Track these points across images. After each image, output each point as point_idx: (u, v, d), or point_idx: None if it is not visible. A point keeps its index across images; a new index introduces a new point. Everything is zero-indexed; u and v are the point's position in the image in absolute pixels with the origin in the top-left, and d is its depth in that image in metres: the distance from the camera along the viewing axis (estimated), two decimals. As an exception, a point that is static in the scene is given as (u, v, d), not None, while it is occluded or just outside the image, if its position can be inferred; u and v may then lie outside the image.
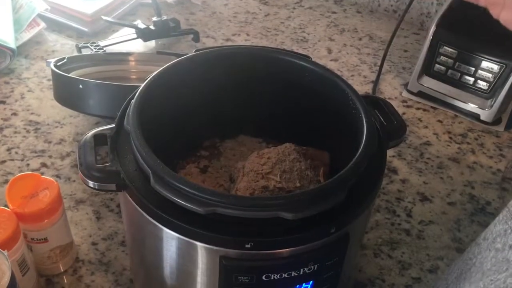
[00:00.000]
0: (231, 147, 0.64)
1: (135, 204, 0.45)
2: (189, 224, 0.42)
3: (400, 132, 0.52)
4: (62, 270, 0.62)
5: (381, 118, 0.54)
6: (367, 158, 0.46)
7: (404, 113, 0.91)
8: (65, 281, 0.62)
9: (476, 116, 0.89)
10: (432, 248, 0.68)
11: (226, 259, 0.42)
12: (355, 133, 0.50)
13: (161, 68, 0.53)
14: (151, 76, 0.52)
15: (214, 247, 0.42)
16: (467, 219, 0.73)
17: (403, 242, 0.69)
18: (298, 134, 0.58)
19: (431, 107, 0.92)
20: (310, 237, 0.42)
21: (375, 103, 0.55)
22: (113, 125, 0.49)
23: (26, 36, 0.98)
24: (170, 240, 0.45)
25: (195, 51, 0.56)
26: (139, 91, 0.50)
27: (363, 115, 0.50)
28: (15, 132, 0.81)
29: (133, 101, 0.49)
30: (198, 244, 0.43)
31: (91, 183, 0.46)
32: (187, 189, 0.41)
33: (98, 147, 0.49)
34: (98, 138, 0.49)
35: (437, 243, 0.69)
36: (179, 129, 0.56)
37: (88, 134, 0.49)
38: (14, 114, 0.84)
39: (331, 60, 1.03)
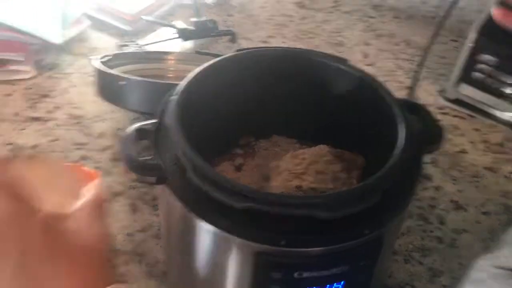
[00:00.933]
0: (265, 147, 0.65)
1: (175, 197, 0.46)
2: (226, 218, 0.43)
3: (438, 138, 0.52)
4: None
5: (418, 124, 0.53)
6: (403, 161, 0.46)
7: (440, 120, 0.90)
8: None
9: (514, 126, 0.88)
10: (465, 257, 0.68)
11: (260, 255, 0.43)
12: (391, 138, 0.50)
13: (202, 67, 0.54)
14: (192, 74, 0.53)
15: (249, 242, 0.43)
16: (501, 230, 0.72)
17: (434, 250, 0.69)
18: (333, 136, 0.59)
19: (468, 115, 0.91)
20: (343, 238, 0.43)
21: (413, 108, 0.55)
22: (155, 120, 0.51)
23: (71, 33, 1.01)
24: (206, 234, 0.46)
25: (236, 51, 0.57)
26: (181, 87, 0.51)
27: (400, 120, 0.50)
28: (58, 125, 0.84)
29: (175, 97, 0.51)
30: (233, 238, 0.44)
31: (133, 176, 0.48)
32: (224, 184, 0.42)
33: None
34: (140, 133, 0.51)
35: (470, 252, 0.68)
36: (217, 127, 0.58)
37: (131, 128, 0.51)
38: (57, 107, 0.88)
39: (366, 64, 1.03)
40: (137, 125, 0.51)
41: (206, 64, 0.54)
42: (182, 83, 0.53)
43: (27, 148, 0.79)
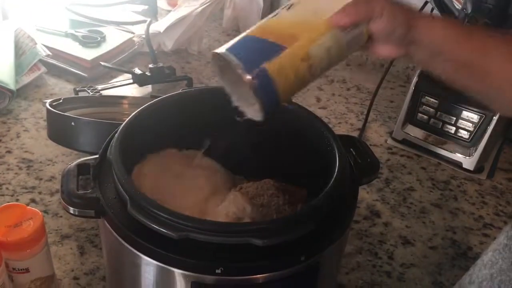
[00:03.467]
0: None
1: (112, 231, 0.47)
2: (163, 249, 0.43)
3: (373, 169, 0.55)
4: (42, 303, 0.63)
5: (355, 156, 0.56)
6: (338, 191, 0.47)
7: (388, 160, 0.93)
8: (44, 314, 0.62)
9: (458, 164, 0.91)
10: (413, 291, 0.69)
11: (197, 285, 0.43)
12: (330, 170, 0.52)
13: (145, 105, 0.56)
14: (135, 112, 0.55)
15: (187, 272, 0.43)
16: (448, 263, 0.73)
17: (384, 284, 0.69)
18: (277, 170, 0.60)
19: (415, 154, 0.95)
20: (280, 265, 0.43)
21: (351, 143, 0.58)
22: (97, 156, 0.52)
23: (27, 79, 1.02)
24: (146, 266, 0.46)
25: (181, 90, 0.59)
26: (122, 124, 0.52)
27: (336, 152, 0.52)
28: (8, 169, 0.83)
29: (116, 133, 0.52)
30: (172, 269, 0.44)
31: (71, 209, 0.48)
32: (161, 213, 0.43)
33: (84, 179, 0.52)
34: (82, 168, 0.51)
35: (418, 286, 0.69)
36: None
37: (72, 164, 0.51)
38: (9, 151, 0.87)
39: (319, 108, 1.06)
40: (79, 160, 0.52)
41: (148, 103, 0.56)
42: (125, 121, 0.54)
43: (-26, 193, 0.78)
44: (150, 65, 1.04)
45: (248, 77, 0.42)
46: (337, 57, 0.47)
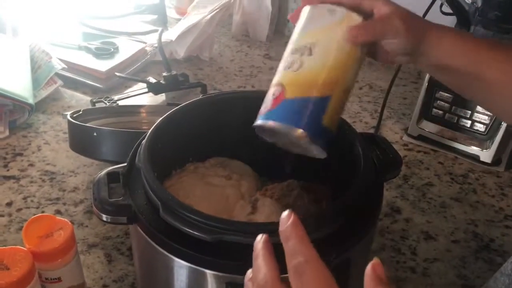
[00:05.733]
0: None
1: (145, 236, 0.48)
2: (197, 252, 0.44)
3: (396, 165, 0.55)
4: (73, 311, 0.64)
5: (378, 153, 0.56)
6: (364, 187, 0.48)
7: (405, 156, 0.93)
8: (77, 322, 0.63)
9: (476, 158, 0.92)
10: (438, 285, 0.69)
11: (231, 286, 0.44)
12: (354, 168, 0.53)
13: (168, 113, 0.57)
14: (160, 120, 0.56)
15: (221, 274, 0.44)
16: (472, 256, 0.74)
17: (408, 280, 0.70)
18: (301, 171, 0.61)
19: (432, 149, 0.95)
20: (312, 263, 0.44)
21: (372, 140, 0.59)
22: (125, 164, 0.53)
23: (44, 93, 1.04)
24: (180, 269, 0.47)
25: (201, 96, 0.60)
26: (149, 131, 0.54)
27: (360, 150, 0.53)
28: (31, 182, 0.85)
29: (143, 141, 0.53)
30: (206, 271, 0.45)
31: (104, 217, 0.49)
32: (194, 217, 0.44)
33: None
34: (112, 176, 0.52)
35: (443, 280, 0.70)
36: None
37: (102, 172, 0.52)
38: (31, 165, 0.88)
39: (333, 108, 1.07)
40: (108, 168, 0.53)
41: (172, 110, 0.57)
42: (151, 129, 0.55)
43: (1, 206, 0.79)
44: (164, 73, 1.06)
45: (314, 143, 0.44)
46: (357, 72, 0.48)
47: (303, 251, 0.33)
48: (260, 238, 0.37)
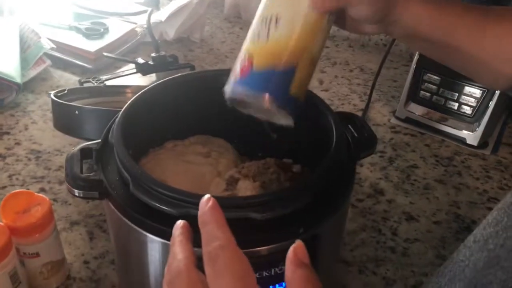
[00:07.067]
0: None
1: (116, 211, 0.48)
2: (166, 226, 0.44)
3: (371, 144, 0.55)
4: (54, 287, 0.65)
5: (353, 131, 0.56)
6: (334, 164, 0.48)
7: (392, 139, 0.93)
8: (56, 297, 0.64)
9: (462, 140, 0.91)
10: (417, 265, 0.69)
11: (200, 260, 0.44)
12: (329, 146, 0.53)
13: (144, 89, 0.57)
14: (135, 96, 0.56)
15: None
16: (452, 237, 0.74)
17: (388, 259, 0.70)
18: (277, 150, 0.61)
19: (419, 132, 0.95)
20: (279, 237, 0.44)
21: (349, 119, 0.58)
22: (99, 140, 0.53)
23: (33, 73, 1.04)
24: (151, 244, 0.47)
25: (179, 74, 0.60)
26: (123, 109, 0.54)
27: (333, 127, 0.53)
28: (17, 160, 0.85)
29: (117, 117, 0.53)
30: (173, 245, 0.45)
31: (76, 192, 0.49)
32: (161, 191, 0.44)
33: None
34: (85, 152, 0.53)
35: (422, 260, 0.70)
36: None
37: (75, 148, 0.52)
38: (17, 143, 0.89)
39: (322, 90, 1.07)
40: (82, 145, 0.53)
41: (147, 88, 0.57)
42: (125, 106, 0.55)
43: (-14, 184, 0.80)
44: (153, 54, 1.05)
45: (282, 109, 0.44)
46: (324, 41, 0.48)
47: (219, 236, 0.32)
48: (178, 224, 0.36)
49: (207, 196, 0.35)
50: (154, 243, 0.47)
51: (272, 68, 0.44)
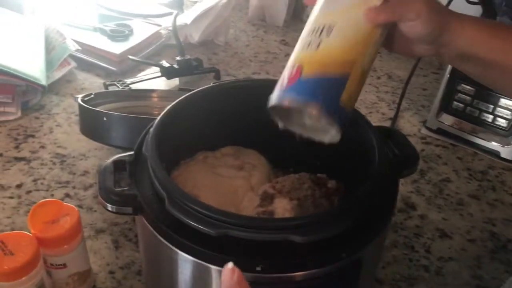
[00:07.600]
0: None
1: (150, 227, 0.46)
2: (201, 246, 0.43)
3: (413, 161, 0.53)
4: (79, 297, 0.63)
5: (394, 148, 0.54)
6: (378, 185, 0.46)
7: (423, 150, 0.91)
8: (82, 308, 0.63)
9: (496, 154, 0.88)
10: (452, 285, 0.67)
11: (236, 282, 0.42)
12: (369, 163, 0.51)
13: (177, 100, 0.55)
14: (168, 107, 0.54)
15: (225, 270, 0.42)
16: (488, 256, 0.71)
17: (421, 278, 0.68)
18: (313, 165, 0.59)
19: (451, 144, 0.92)
20: (320, 261, 0.42)
21: (389, 134, 0.56)
22: (132, 152, 0.51)
23: (58, 74, 1.03)
24: (184, 263, 0.45)
25: (212, 84, 0.58)
26: (157, 119, 0.52)
27: (374, 143, 0.50)
28: (42, 164, 0.84)
29: (151, 129, 0.51)
30: (210, 266, 0.43)
31: (109, 206, 0.48)
32: (199, 210, 0.42)
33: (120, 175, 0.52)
34: (118, 164, 0.51)
35: (457, 280, 0.68)
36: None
37: (108, 161, 0.51)
38: (42, 147, 0.88)
39: (349, 98, 1.04)
40: (115, 157, 0.52)
41: (181, 98, 0.55)
42: (159, 117, 0.53)
43: (11, 188, 0.79)
44: (178, 58, 1.04)
45: (330, 117, 0.43)
46: (375, 55, 0.47)
47: None
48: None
49: (230, 265, 0.34)
50: (186, 261, 0.45)
51: (323, 76, 0.42)
